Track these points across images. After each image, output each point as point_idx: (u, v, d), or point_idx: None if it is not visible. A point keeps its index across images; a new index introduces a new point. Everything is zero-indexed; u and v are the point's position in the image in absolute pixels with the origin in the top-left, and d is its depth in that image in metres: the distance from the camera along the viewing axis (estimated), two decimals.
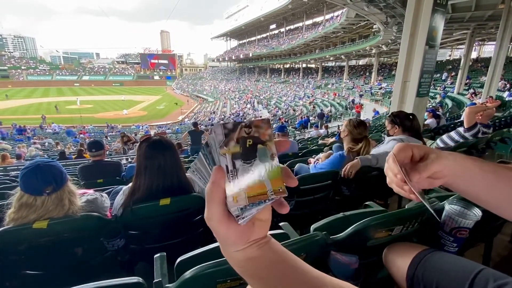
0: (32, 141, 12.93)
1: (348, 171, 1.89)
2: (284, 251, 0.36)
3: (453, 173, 0.43)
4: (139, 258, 1.58)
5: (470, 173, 0.42)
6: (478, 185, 0.42)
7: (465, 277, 0.69)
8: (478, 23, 12.66)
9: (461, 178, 0.42)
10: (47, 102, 37.25)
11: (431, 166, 0.43)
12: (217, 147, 0.28)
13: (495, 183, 0.41)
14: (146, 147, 1.39)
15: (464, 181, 0.43)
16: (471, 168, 0.42)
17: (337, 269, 0.83)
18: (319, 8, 36.88)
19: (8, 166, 5.83)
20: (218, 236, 0.32)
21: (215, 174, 0.29)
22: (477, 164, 0.42)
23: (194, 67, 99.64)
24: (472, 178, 0.42)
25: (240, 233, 0.31)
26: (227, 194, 0.29)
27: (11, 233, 1.13)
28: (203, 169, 0.32)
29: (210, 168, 0.31)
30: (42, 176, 1.15)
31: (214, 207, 0.30)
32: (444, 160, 0.43)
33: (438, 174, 0.43)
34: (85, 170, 2.93)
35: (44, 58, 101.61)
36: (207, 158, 0.31)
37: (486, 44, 24.91)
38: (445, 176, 0.44)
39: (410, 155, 0.45)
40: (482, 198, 0.43)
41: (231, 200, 0.29)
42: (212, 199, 0.29)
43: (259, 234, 0.34)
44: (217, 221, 0.30)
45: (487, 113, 2.76)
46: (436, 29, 4.95)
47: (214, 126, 0.28)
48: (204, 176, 0.32)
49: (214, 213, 0.30)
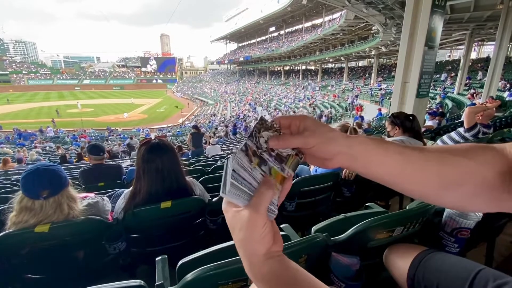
0: (33, 145, 12.96)
1: (348, 173, 1.89)
2: (301, 269, 0.40)
3: (350, 156, 0.37)
4: (141, 261, 1.58)
5: (373, 156, 0.37)
6: (384, 168, 0.37)
7: (465, 277, 0.69)
8: (477, 24, 12.68)
9: (361, 162, 0.37)
10: (48, 106, 37.35)
11: (302, 140, 0.37)
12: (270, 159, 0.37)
13: (404, 164, 0.37)
14: (144, 150, 1.40)
15: (364, 165, 0.38)
16: (375, 151, 0.37)
17: (338, 270, 0.83)
18: (318, 11, 37.04)
19: (9, 170, 5.84)
20: (254, 232, 0.35)
21: (272, 182, 0.36)
22: (382, 146, 0.37)
23: (194, 70, 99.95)
24: (376, 162, 0.37)
25: (269, 230, 0.36)
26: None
27: (13, 237, 1.14)
28: (248, 179, 0.35)
29: (254, 176, 0.36)
30: (39, 180, 1.16)
31: (267, 202, 0.35)
32: (334, 145, 0.37)
33: (329, 156, 0.38)
34: (86, 173, 2.93)
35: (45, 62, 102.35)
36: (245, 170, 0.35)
37: (486, 45, 24.94)
38: (336, 158, 0.38)
39: (288, 124, 0.39)
40: (392, 181, 0.38)
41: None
42: (269, 197, 0.35)
43: (278, 246, 0.38)
44: (263, 214, 0.35)
45: (487, 113, 2.76)
46: (435, 30, 4.97)
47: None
48: (250, 184, 0.36)
49: (264, 207, 0.35)
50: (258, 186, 0.35)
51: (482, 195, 0.36)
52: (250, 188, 0.35)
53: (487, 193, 0.36)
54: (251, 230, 0.35)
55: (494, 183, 0.35)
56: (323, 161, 0.39)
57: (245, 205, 0.35)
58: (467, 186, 0.36)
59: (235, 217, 0.36)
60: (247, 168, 0.35)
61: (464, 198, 0.37)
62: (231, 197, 0.35)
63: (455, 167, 0.36)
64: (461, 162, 0.36)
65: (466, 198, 0.37)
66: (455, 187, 0.36)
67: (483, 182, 0.35)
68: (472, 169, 0.36)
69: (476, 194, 0.36)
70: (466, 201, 0.38)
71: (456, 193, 0.36)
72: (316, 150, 0.37)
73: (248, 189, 0.35)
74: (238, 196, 0.35)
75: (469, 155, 0.37)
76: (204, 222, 1.56)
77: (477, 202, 0.37)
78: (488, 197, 0.36)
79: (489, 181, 0.35)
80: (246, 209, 0.35)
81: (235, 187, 0.34)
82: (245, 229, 0.35)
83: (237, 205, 0.36)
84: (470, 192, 0.36)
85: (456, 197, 0.37)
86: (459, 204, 0.39)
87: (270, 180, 0.36)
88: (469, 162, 0.36)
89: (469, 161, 0.36)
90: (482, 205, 0.38)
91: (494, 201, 0.37)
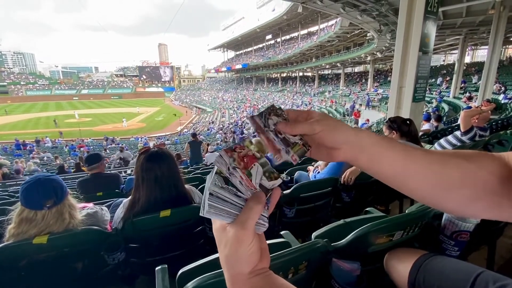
0: (31, 156, 12.89)
1: (347, 178, 1.89)
2: (288, 286, 0.37)
3: (357, 147, 0.37)
4: (140, 272, 1.56)
5: (379, 149, 0.37)
6: (389, 163, 0.37)
7: (466, 280, 0.69)
8: (470, 29, 12.92)
9: (367, 154, 0.37)
10: (46, 116, 37.33)
11: (308, 126, 0.37)
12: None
13: (407, 162, 0.36)
14: (143, 159, 1.40)
15: (370, 157, 0.37)
16: (381, 144, 0.37)
17: (339, 276, 0.83)
18: (314, 18, 37.60)
19: (7, 181, 5.79)
20: (240, 249, 0.33)
21: (263, 195, 0.34)
22: (388, 141, 0.38)
23: (192, 78, 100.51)
24: (382, 155, 0.37)
25: (256, 250, 0.34)
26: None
27: (11, 249, 1.12)
28: (230, 199, 0.34)
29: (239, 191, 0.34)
30: (43, 190, 1.15)
31: (255, 218, 0.33)
32: (340, 132, 0.37)
33: (335, 145, 0.38)
34: (84, 183, 2.91)
35: (43, 73, 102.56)
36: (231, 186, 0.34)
37: (479, 49, 25.32)
38: (343, 149, 0.38)
39: (295, 117, 0.40)
40: (395, 178, 0.38)
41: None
42: (257, 212, 0.33)
43: (264, 263, 0.36)
44: (250, 230, 0.33)
45: (482, 116, 2.79)
46: (428, 36, 5.06)
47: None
48: (234, 202, 0.34)
49: (252, 223, 0.33)
50: (247, 201, 0.34)
51: (483, 199, 0.36)
52: (234, 206, 0.34)
53: (487, 197, 0.36)
54: (237, 247, 0.33)
55: (495, 187, 0.35)
56: (329, 153, 0.39)
57: (231, 221, 0.34)
58: (468, 188, 0.36)
59: (220, 231, 0.35)
60: (232, 188, 0.34)
61: (465, 201, 0.37)
62: (211, 217, 0.33)
63: (457, 169, 0.36)
64: (463, 165, 0.36)
65: (466, 202, 0.37)
66: (456, 189, 0.36)
67: (484, 186, 0.35)
68: (474, 172, 0.36)
69: (477, 198, 0.36)
70: (466, 205, 0.37)
71: (457, 195, 0.36)
72: (323, 138, 0.37)
73: (232, 208, 0.34)
74: (219, 216, 0.34)
75: (471, 159, 0.37)
76: (204, 230, 1.55)
77: (477, 206, 0.37)
78: (488, 202, 0.36)
79: (490, 185, 0.35)
80: (232, 225, 0.33)
81: (214, 208, 0.33)
82: (230, 245, 0.33)
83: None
84: (471, 195, 0.36)
85: (456, 200, 0.37)
86: (459, 208, 0.38)
87: (260, 195, 0.34)
88: (470, 165, 0.36)
89: (471, 164, 0.36)
90: (482, 210, 0.38)
91: (494, 207, 0.36)
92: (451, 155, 0.38)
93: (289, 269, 0.80)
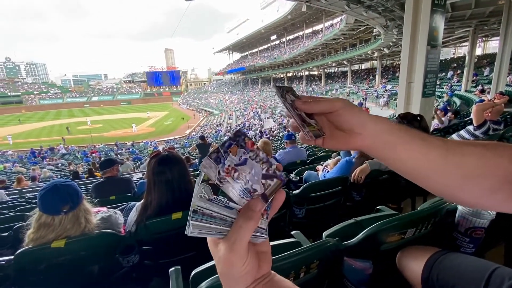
0: (45, 163, 13.28)
1: (357, 176, 1.88)
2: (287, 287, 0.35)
3: (375, 132, 0.36)
4: (154, 274, 1.58)
5: (399, 135, 0.36)
6: (408, 151, 0.36)
7: (480, 277, 0.68)
8: (479, 20, 12.56)
9: (386, 140, 0.36)
10: (59, 124, 38.38)
11: (329, 103, 0.36)
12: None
13: (427, 151, 0.35)
14: (154, 163, 1.43)
15: (388, 144, 0.36)
16: (399, 131, 0.36)
17: (351, 275, 0.83)
18: (318, 17, 37.36)
19: (23, 188, 5.99)
20: (232, 270, 0.30)
21: (259, 204, 0.30)
22: (406, 128, 0.36)
23: (198, 81, 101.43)
24: (401, 143, 0.36)
25: (252, 265, 0.31)
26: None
27: (30, 253, 1.17)
28: (217, 214, 0.30)
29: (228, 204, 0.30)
30: (60, 196, 1.19)
31: (246, 239, 0.30)
32: (360, 114, 0.36)
33: (354, 127, 0.36)
34: (99, 187, 3.01)
35: (55, 82, 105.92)
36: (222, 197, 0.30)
37: (490, 40, 24.61)
38: (362, 134, 0.36)
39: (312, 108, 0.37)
40: (414, 169, 0.37)
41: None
42: (249, 231, 0.29)
43: (264, 269, 0.34)
44: (242, 254, 0.30)
45: (495, 110, 2.72)
46: (436, 29, 4.96)
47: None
48: (224, 217, 0.30)
49: (241, 245, 0.29)
50: (237, 217, 0.30)
51: (503, 190, 0.35)
52: (224, 222, 0.30)
53: (508, 188, 0.34)
54: (228, 268, 0.30)
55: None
56: (346, 139, 0.38)
57: (222, 238, 0.30)
58: (488, 178, 0.35)
59: (212, 246, 0.32)
60: (222, 199, 0.30)
61: (484, 192, 0.36)
62: (198, 235, 0.30)
63: (478, 158, 0.35)
64: (484, 154, 0.35)
65: (486, 193, 0.36)
66: (475, 178, 0.35)
67: (505, 175, 0.34)
68: (495, 161, 0.35)
69: (497, 188, 0.35)
70: (486, 196, 0.36)
71: (476, 185, 0.35)
72: (342, 117, 0.36)
73: (222, 223, 0.30)
74: (207, 235, 0.30)
75: (491, 148, 0.36)
76: None
77: (497, 197, 0.36)
78: (508, 193, 0.35)
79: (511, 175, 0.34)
80: (223, 243, 0.30)
81: (199, 227, 0.29)
82: (222, 266, 0.30)
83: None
84: (491, 185, 0.35)
85: (476, 191, 0.36)
86: (477, 200, 0.37)
87: (253, 206, 0.30)
88: (491, 153, 0.35)
89: (491, 153, 0.35)
90: (501, 201, 0.36)
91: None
92: (471, 144, 0.36)
93: (300, 268, 0.80)
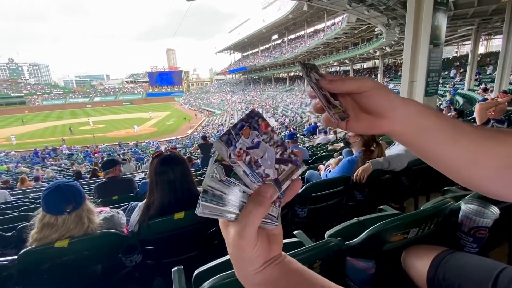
0: (48, 163, 13.36)
1: (359, 176, 1.87)
2: (303, 270, 0.34)
3: (405, 114, 0.34)
4: (156, 273, 1.59)
5: (425, 119, 0.33)
6: (439, 135, 0.33)
7: (488, 277, 0.67)
8: (482, 18, 12.47)
9: (413, 124, 0.34)
10: (62, 124, 38.57)
11: (358, 81, 0.33)
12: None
13: (457, 137, 0.33)
14: (156, 163, 1.43)
15: (417, 128, 0.34)
16: (430, 113, 0.33)
17: (354, 274, 0.83)
18: (320, 16, 37.26)
19: (27, 188, 6.03)
20: (243, 254, 0.30)
21: (270, 190, 0.29)
22: (435, 111, 0.34)
23: (200, 81, 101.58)
24: (431, 126, 0.33)
25: (263, 249, 0.31)
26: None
27: (34, 253, 1.18)
28: (227, 196, 0.30)
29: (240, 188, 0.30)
30: (63, 196, 1.20)
31: (256, 224, 0.29)
32: (390, 94, 0.33)
33: (384, 111, 0.34)
34: (101, 187, 3.02)
35: (57, 83, 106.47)
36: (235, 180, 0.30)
37: (493, 38, 24.43)
38: (391, 117, 0.34)
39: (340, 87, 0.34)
40: (444, 155, 0.34)
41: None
42: (258, 217, 0.29)
43: (275, 251, 0.33)
44: (252, 240, 0.29)
45: (499, 108, 2.70)
46: (439, 28, 4.94)
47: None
48: (234, 200, 0.30)
49: (251, 231, 0.29)
50: (247, 201, 0.29)
51: None
52: (234, 205, 0.29)
53: None
54: (238, 252, 0.30)
55: None
56: (373, 122, 0.35)
57: (234, 218, 0.30)
58: None
59: (223, 228, 0.32)
60: (234, 181, 0.29)
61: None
62: (207, 216, 0.29)
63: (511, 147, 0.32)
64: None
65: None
66: (509, 168, 0.32)
67: None
68: None
69: None
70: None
71: (509, 175, 0.32)
72: (371, 98, 0.34)
73: (232, 206, 0.29)
74: (216, 216, 0.29)
75: None
76: (218, 230, 1.57)
77: None
78: None
79: None
80: (233, 226, 0.30)
81: (208, 208, 0.29)
82: (232, 249, 0.30)
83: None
84: None
85: (506, 181, 0.33)
86: (507, 189, 0.34)
87: (264, 192, 0.29)
88: None
89: None
90: None
91: None
92: (503, 132, 0.34)
93: None
